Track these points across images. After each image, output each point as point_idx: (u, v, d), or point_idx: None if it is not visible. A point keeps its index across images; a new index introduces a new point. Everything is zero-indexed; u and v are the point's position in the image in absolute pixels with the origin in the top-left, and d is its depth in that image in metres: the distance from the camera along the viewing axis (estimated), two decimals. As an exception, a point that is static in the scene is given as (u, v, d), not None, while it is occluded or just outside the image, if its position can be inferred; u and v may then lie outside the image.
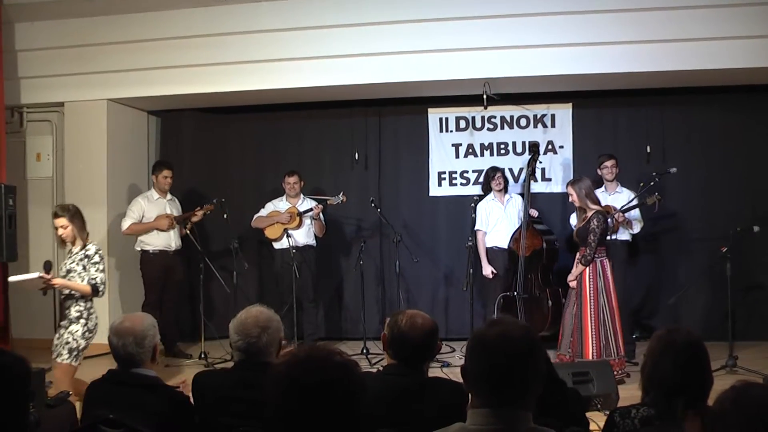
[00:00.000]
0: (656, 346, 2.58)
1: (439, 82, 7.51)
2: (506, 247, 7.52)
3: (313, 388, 1.80)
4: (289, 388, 1.81)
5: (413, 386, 2.91)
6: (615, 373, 5.80)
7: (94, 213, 8.03)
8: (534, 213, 7.60)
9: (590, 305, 6.20)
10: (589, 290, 6.22)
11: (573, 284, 6.32)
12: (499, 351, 1.95)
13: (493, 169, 7.75)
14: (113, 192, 8.17)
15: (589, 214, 6.29)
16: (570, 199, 6.48)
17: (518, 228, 7.40)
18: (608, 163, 7.27)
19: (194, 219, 7.63)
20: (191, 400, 3.11)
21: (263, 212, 7.91)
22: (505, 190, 7.74)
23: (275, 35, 7.52)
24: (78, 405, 3.62)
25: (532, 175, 7.50)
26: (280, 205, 7.89)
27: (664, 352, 2.53)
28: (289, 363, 1.87)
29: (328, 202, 7.73)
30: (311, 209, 7.67)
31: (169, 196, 7.81)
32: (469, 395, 2.05)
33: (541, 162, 8.05)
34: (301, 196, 7.93)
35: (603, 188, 7.33)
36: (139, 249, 7.62)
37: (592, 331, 6.18)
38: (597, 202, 6.42)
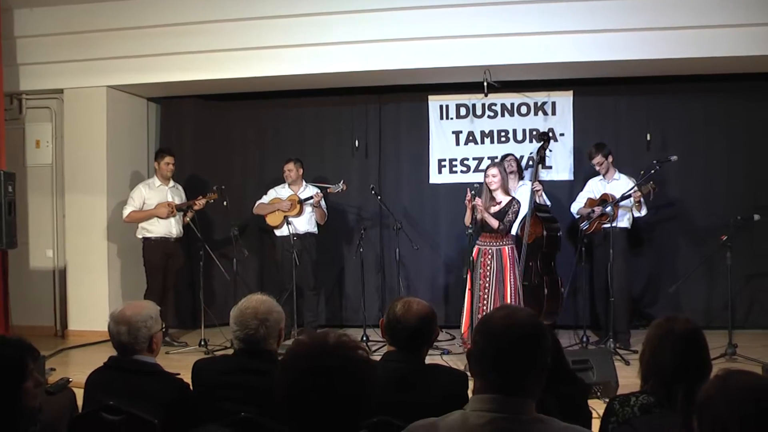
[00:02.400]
0: (655, 334, 2.59)
1: (440, 69, 7.49)
2: (515, 234, 7.52)
3: (325, 372, 1.79)
4: (301, 372, 1.81)
5: (411, 373, 2.92)
6: None
7: (94, 200, 8.07)
8: (537, 187, 7.51)
9: (477, 285, 6.45)
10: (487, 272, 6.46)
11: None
12: (504, 335, 1.96)
13: (504, 157, 7.78)
14: (113, 179, 8.17)
15: (501, 199, 6.48)
16: (490, 179, 6.51)
17: (525, 215, 7.39)
18: (595, 161, 7.27)
19: (196, 207, 7.61)
20: (190, 386, 3.12)
21: (265, 199, 7.91)
22: (520, 176, 7.74)
23: (276, 21, 7.50)
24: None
25: (541, 162, 7.51)
26: (282, 192, 7.89)
27: (662, 340, 2.54)
28: (301, 348, 1.87)
29: (328, 191, 7.73)
30: (311, 197, 7.67)
31: (171, 183, 7.79)
32: (473, 383, 2.05)
33: (551, 150, 8.02)
34: (304, 183, 7.93)
35: (601, 176, 7.33)
36: (140, 237, 7.60)
37: (466, 310, 6.48)
38: (509, 192, 6.64)
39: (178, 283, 8.06)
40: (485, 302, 6.43)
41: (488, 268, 6.51)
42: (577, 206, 7.41)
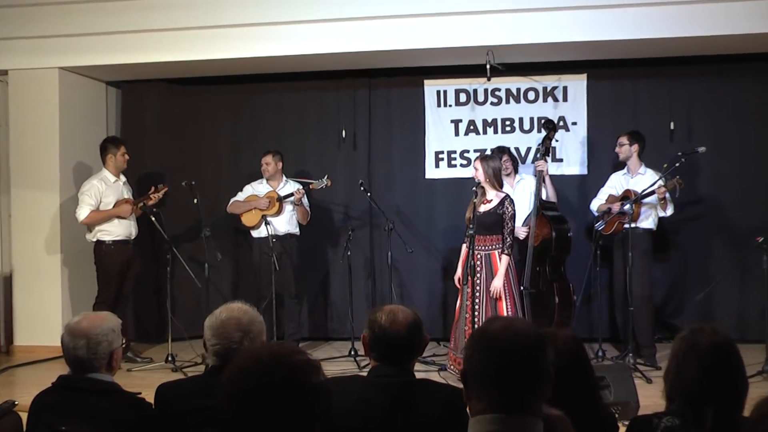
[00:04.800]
0: (679, 349, 2.58)
1: (437, 50, 7.48)
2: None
3: (255, 392, 1.83)
4: (232, 391, 1.86)
5: (404, 388, 2.94)
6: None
7: (45, 198, 8.02)
8: (541, 165, 7.48)
9: (465, 295, 6.51)
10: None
11: (498, 287, 6.50)
12: (507, 345, 1.97)
13: (499, 150, 7.73)
14: (66, 174, 8.12)
15: (492, 196, 6.57)
16: (473, 175, 6.67)
17: (529, 213, 7.39)
18: (620, 140, 7.29)
19: (150, 203, 7.58)
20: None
21: (240, 196, 7.89)
22: (515, 171, 7.74)
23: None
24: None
25: (546, 154, 7.51)
26: (260, 188, 7.87)
27: (687, 355, 2.53)
28: (236, 364, 1.91)
29: (311, 186, 7.71)
30: (292, 194, 7.65)
31: (123, 178, 7.76)
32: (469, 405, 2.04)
33: (557, 140, 8.01)
34: (284, 178, 7.91)
35: (625, 170, 7.33)
36: (93, 239, 7.53)
37: (462, 325, 6.55)
38: (501, 186, 6.74)
39: (137, 289, 7.99)
40: (477, 313, 6.42)
41: (478, 275, 6.52)
42: (597, 203, 7.40)
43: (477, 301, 6.47)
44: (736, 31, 6.93)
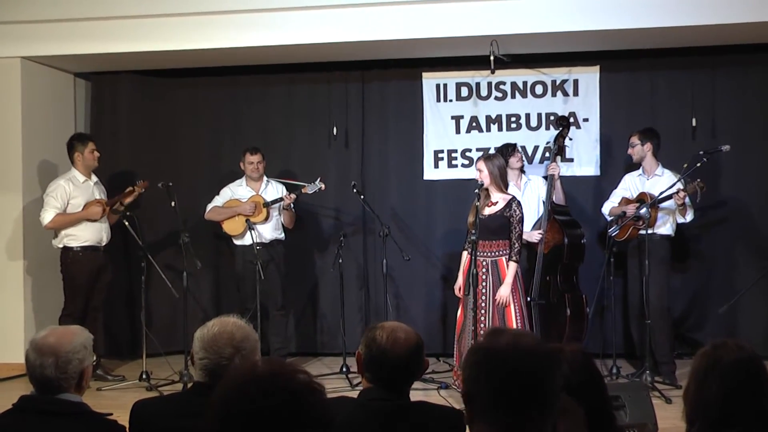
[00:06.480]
0: (700, 366, 2.58)
1: (437, 39, 7.49)
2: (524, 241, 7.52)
3: (250, 416, 1.78)
4: (223, 413, 1.81)
5: (398, 412, 2.93)
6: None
7: (6, 200, 8.00)
8: (554, 168, 7.52)
9: (467, 306, 6.51)
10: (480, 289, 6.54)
11: (506, 296, 6.51)
12: (516, 361, 1.96)
13: (508, 146, 7.75)
14: (30, 174, 8.10)
15: (498, 198, 6.60)
16: (478, 176, 6.70)
17: (539, 218, 7.40)
18: (631, 140, 7.30)
19: (126, 201, 7.56)
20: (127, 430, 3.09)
21: (218, 201, 7.85)
22: (521, 170, 7.76)
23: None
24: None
25: (559, 153, 7.51)
26: (240, 191, 7.84)
27: (709, 373, 2.53)
28: (230, 382, 1.87)
29: (303, 190, 7.68)
30: (281, 199, 7.63)
31: (94, 178, 7.74)
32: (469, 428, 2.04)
33: (570, 138, 8.01)
34: (265, 179, 7.90)
35: (640, 171, 7.33)
36: (60, 246, 7.50)
37: (468, 338, 6.50)
38: (507, 187, 6.76)
39: (105, 302, 7.96)
40: (483, 324, 6.43)
41: (483, 283, 6.53)
42: (609, 206, 7.39)
43: (483, 312, 6.47)
44: (764, 18, 6.93)
